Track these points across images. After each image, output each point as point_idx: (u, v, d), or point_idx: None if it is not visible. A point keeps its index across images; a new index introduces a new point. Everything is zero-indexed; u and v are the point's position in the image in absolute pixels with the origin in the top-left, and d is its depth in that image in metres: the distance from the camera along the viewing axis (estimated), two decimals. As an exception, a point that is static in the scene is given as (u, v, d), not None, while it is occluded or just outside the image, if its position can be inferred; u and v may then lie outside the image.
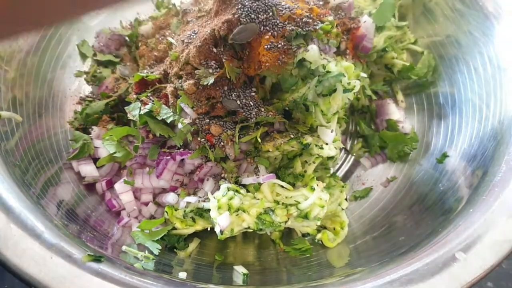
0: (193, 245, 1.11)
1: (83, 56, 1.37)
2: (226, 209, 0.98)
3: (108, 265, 0.82)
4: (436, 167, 1.18)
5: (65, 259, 0.80)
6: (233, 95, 1.05)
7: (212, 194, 1.01)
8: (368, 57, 1.31)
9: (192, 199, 1.06)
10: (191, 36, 1.10)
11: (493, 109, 1.10)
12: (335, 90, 1.04)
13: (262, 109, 1.05)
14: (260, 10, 1.04)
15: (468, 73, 1.21)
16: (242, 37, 1.03)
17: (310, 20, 1.07)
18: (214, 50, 1.06)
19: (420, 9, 1.36)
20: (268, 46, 1.01)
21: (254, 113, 1.04)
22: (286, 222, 1.03)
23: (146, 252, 1.01)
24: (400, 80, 1.39)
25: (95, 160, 1.15)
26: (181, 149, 1.06)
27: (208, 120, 1.05)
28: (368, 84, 1.35)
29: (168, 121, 1.03)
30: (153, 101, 1.07)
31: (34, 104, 1.17)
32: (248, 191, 1.04)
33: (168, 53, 1.16)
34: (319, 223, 1.08)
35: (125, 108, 1.09)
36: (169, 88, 1.07)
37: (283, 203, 1.02)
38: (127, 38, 1.42)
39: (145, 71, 1.21)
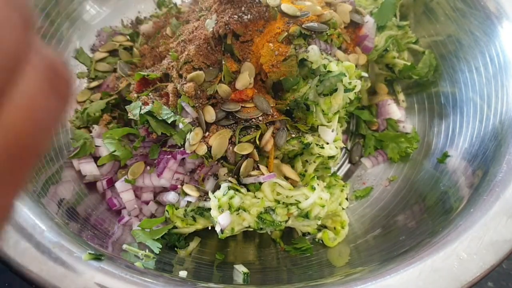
0: (193, 244, 1.12)
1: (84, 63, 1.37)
2: (226, 208, 0.99)
3: (109, 264, 0.83)
4: (437, 167, 1.18)
5: (66, 257, 0.81)
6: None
7: (213, 193, 1.01)
8: (369, 56, 1.31)
9: (192, 198, 1.07)
10: (190, 36, 1.10)
11: (494, 109, 1.10)
12: (336, 90, 1.04)
13: (274, 114, 1.05)
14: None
15: (469, 73, 1.21)
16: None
17: (316, 25, 1.07)
18: (214, 50, 1.06)
19: (421, 9, 1.36)
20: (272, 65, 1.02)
21: (261, 118, 1.04)
22: (286, 221, 1.03)
23: (147, 250, 1.01)
24: (401, 79, 1.39)
25: (96, 158, 1.15)
26: (182, 148, 1.06)
27: (209, 119, 1.05)
28: (367, 88, 1.35)
29: (169, 121, 1.03)
30: (153, 101, 1.07)
31: (35, 103, 1.17)
32: (248, 190, 1.04)
33: (168, 52, 1.16)
34: (319, 222, 1.09)
35: (126, 107, 1.09)
36: (170, 87, 1.08)
37: (283, 202, 1.03)
38: (128, 37, 1.42)
39: (148, 70, 1.21)
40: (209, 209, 1.01)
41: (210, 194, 1.02)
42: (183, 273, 0.94)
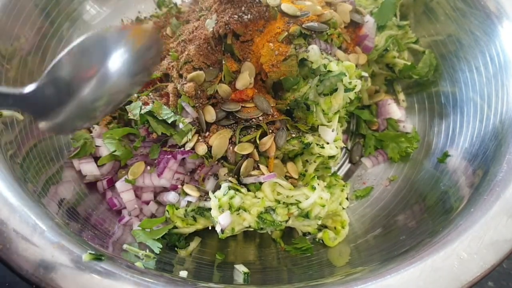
0: (194, 244, 1.12)
1: None
2: (227, 208, 0.99)
3: (109, 264, 0.83)
4: (437, 167, 1.18)
5: (66, 257, 0.81)
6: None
7: (213, 193, 1.01)
8: (369, 56, 1.31)
9: (193, 198, 1.07)
10: (191, 36, 1.10)
11: (494, 108, 1.10)
12: (336, 90, 1.04)
13: (274, 114, 1.05)
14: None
15: (469, 72, 1.21)
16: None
17: (317, 24, 1.07)
18: (214, 49, 1.06)
19: (422, 8, 1.36)
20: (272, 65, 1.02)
21: (262, 117, 1.04)
22: (287, 221, 1.03)
23: (147, 250, 1.01)
24: (401, 79, 1.39)
25: (96, 158, 1.15)
26: (182, 148, 1.06)
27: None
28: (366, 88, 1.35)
29: (169, 121, 1.03)
30: (153, 101, 1.07)
31: (36, 103, 1.17)
32: (249, 190, 1.04)
33: (168, 52, 1.16)
34: (320, 222, 1.09)
35: (126, 107, 1.09)
36: (170, 87, 1.08)
37: (284, 202, 1.03)
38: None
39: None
40: (210, 209, 1.01)
41: (210, 194, 1.02)
42: (183, 273, 0.94)
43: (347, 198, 1.16)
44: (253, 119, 1.04)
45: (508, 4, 1.16)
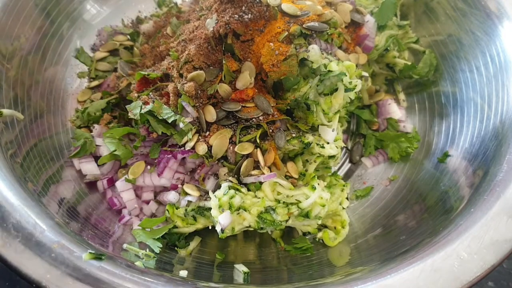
0: (194, 244, 1.12)
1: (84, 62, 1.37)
2: (227, 208, 0.99)
3: (109, 263, 0.83)
4: (437, 167, 1.18)
5: (67, 257, 0.81)
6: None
7: (213, 192, 1.01)
8: (370, 56, 1.31)
9: (193, 197, 1.07)
10: (191, 35, 1.10)
11: (494, 108, 1.10)
12: (336, 89, 1.04)
13: (275, 113, 1.05)
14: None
15: (469, 72, 1.21)
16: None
17: (317, 24, 1.07)
18: (214, 49, 1.06)
19: (422, 8, 1.36)
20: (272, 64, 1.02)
21: (262, 117, 1.04)
22: (287, 221, 1.03)
23: (147, 250, 1.01)
24: (402, 79, 1.39)
25: (96, 158, 1.15)
26: (182, 148, 1.06)
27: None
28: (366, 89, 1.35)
29: (169, 121, 1.03)
30: (154, 101, 1.07)
31: (36, 102, 1.17)
32: (249, 190, 1.04)
33: (169, 51, 1.16)
34: (320, 222, 1.09)
35: (127, 106, 1.09)
36: (170, 86, 1.08)
37: (284, 202, 1.03)
38: (128, 36, 1.42)
39: (148, 70, 1.21)
40: (210, 208, 1.01)
41: (210, 194, 1.02)
42: (183, 273, 0.94)
43: (347, 198, 1.16)
44: (254, 119, 1.04)
45: (508, 4, 1.16)
